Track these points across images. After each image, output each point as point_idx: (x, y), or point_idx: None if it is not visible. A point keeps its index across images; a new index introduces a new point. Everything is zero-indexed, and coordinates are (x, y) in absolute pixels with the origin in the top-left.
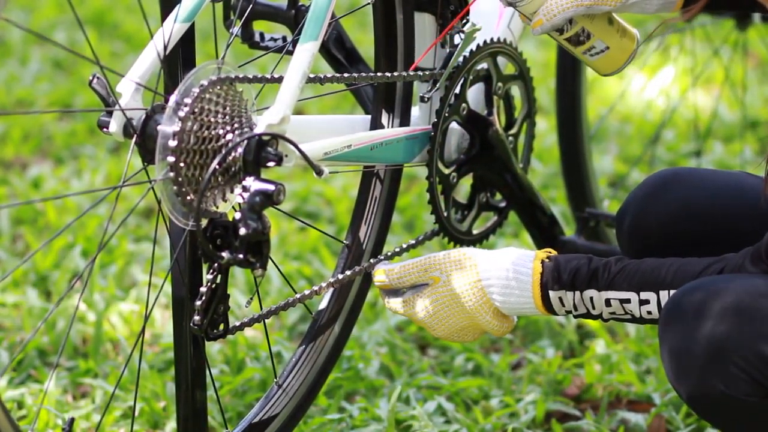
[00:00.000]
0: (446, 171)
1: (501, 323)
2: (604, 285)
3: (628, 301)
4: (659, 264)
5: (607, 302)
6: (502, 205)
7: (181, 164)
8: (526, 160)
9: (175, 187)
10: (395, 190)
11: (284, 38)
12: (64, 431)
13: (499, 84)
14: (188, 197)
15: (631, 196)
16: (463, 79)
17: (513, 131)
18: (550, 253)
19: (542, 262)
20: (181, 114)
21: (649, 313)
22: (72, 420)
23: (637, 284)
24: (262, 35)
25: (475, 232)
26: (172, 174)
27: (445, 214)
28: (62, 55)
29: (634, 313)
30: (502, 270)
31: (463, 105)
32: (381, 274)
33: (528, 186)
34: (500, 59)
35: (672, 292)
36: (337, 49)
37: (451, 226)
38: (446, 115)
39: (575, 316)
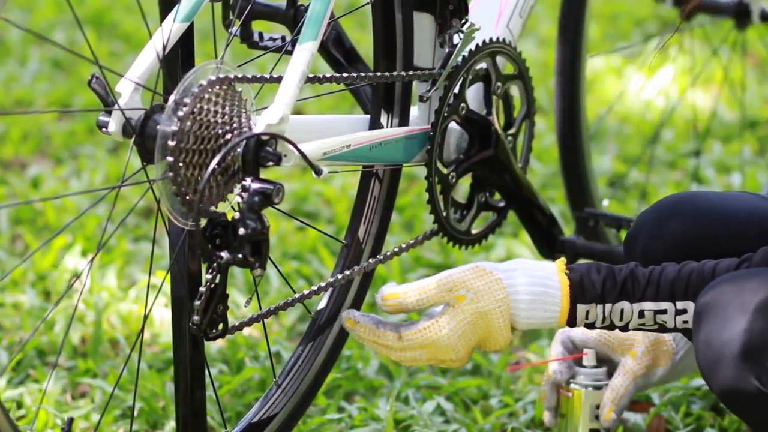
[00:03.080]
0: (445, 171)
1: (511, 336)
2: (637, 296)
3: (664, 312)
4: (691, 269)
5: (641, 314)
6: (501, 204)
7: (180, 164)
8: (525, 160)
9: (173, 187)
10: (394, 189)
11: (283, 38)
12: (63, 431)
13: (498, 84)
14: (187, 197)
15: (641, 221)
16: (462, 79)
17: (512, 131)
18: (564, 262)
19: (567, 274)
20: (180, 114)
21: (685, 322)
22: (71, 420)
23: (673, 294)
24: (261, 35)
25: (474, 231)
26: (171, 174)
27: (444, 213)
28: (61, 55)
29: (667, 323)
30: (528, 286)
31: (462, 105)
32: (394, 297)
33: (527, 186)
34: (499, 59)
35: None
36: (336, 49)
37: (450, 225)
38: (445, 114)
39: (595, 327)
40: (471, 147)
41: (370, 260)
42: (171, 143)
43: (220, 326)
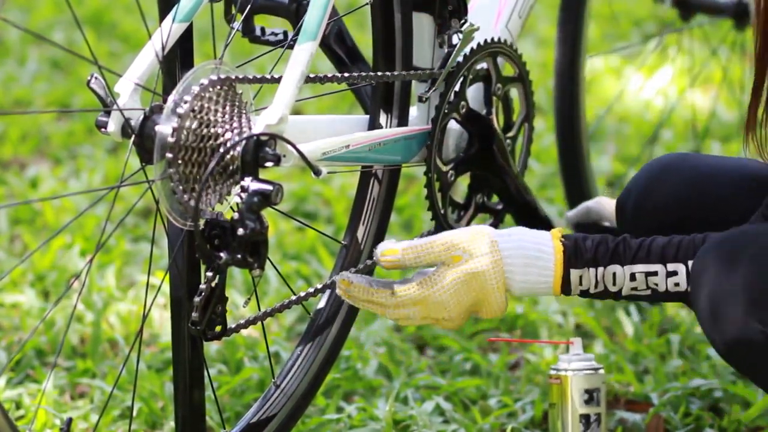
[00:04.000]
0: (444, 168)
1: (506, 302)
2: (628, 259)
3: (654, 273)
4: (681, 237)
5: (632, 276)
6: (499, 207)
7: (179, 162)
8: (523, 164)
9: (172, 185)
10: (393, 190)
11: (285, 33)
12: (62, 431)
13: (499, 85)
14: (186, 197)
15: (633, 182)
16: (463, 77)
17: (511, 134)
18: (561, 231)
19: (561, 241)
20: (179, 113)
21: (677, 285)
22: (70, 420)
23: (663, 256)
24: (263, 30)
25: None
26: (170, 172)
27: (442, 211)
28: (60, 55)
29: (659, 286)
30: (522, 249)
31: (463, 103)
32: (393, 253)
33: (524, 189)
34: (499, 60)
35: None
36: (337, 46)
37: (448, 224)
38: (446, 111)
39: (590, 295)
40: (470, 146)
41: (368, 261)
42: (170, 140)
43: (219, 327)
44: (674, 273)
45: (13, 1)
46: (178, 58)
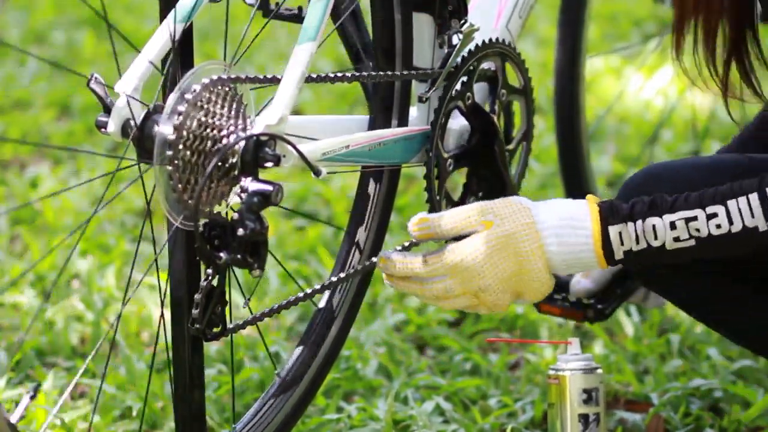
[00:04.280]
0: (444, 155)
1: (548, 277)
2: (665, 209)
3: (695, 218)
4: (716, 186)
5: (672, 225)
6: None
7: (179, 159)
8: (519, 177)
9: (171, 182)
10: (393, 190)
11: (300, 8)
12: (28, 394)
13: (503, 91)
14: (185, 197)
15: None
16: (472, 70)
17: (510, 147)
18: (594, 198)
19: (595, 203)
20: (180, 109)
21: (719, 226)
22: (37, 386)
23: (701, 201)
24: (278, 4)
25: None
26: (172, 160)
27: (438, 198)
28: (60, 56)
29: (701, 231)
30: (557, 212)
31: (469, 94)
32: (424, 222)
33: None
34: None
35: (740, 199)
36: (353, 29)
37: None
38: (452, 96)
39: (634, 257)
40: (471, 138)
41: (367, 262)
42: (171, 137)
43: (218, 328)
44: (714, 215)
45: (13, 1)
46: (177, 59)
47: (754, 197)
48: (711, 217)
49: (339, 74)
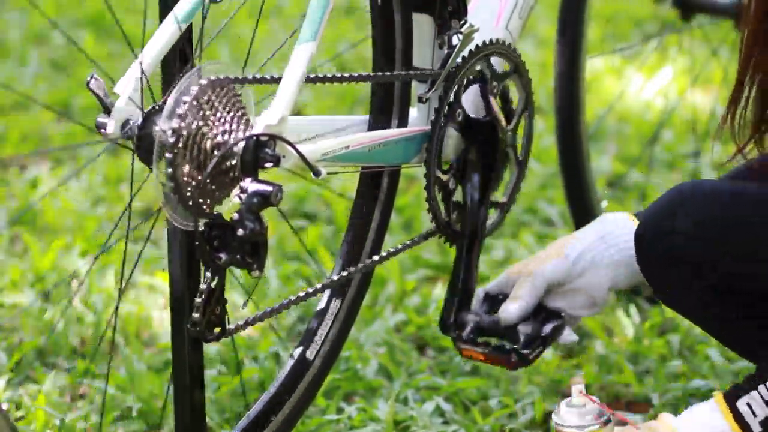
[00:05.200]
0: (444, 178)
1: None
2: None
3: None
4: None
5: None
6: (504, 200)
7: (177, 161)
8: (525, 153)
9: (171, 184)
10: (393, 190)
11: None
12: None
13: (495, 83)
14: (185, 197)
15: (650, 211)
16: (457, 85)
17: (511, 125)
18: (728, 408)
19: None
20: (180, 111)
21: None
22: None
23: None
24: None
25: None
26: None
27: (445, 218)
28: (61, 56)
29: None
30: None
31: (459, 111)
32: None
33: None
34: (494, 60)
35: None
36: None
37: (451, 229)
38: (442, 123)
39: None
40: (467, 152)
41: (368, 261)
42: (170, 140)
43: (218, 328)
44: None
45: (13, 1)
46: (177, 59)
47: None
48: None
49: (339, 74)
